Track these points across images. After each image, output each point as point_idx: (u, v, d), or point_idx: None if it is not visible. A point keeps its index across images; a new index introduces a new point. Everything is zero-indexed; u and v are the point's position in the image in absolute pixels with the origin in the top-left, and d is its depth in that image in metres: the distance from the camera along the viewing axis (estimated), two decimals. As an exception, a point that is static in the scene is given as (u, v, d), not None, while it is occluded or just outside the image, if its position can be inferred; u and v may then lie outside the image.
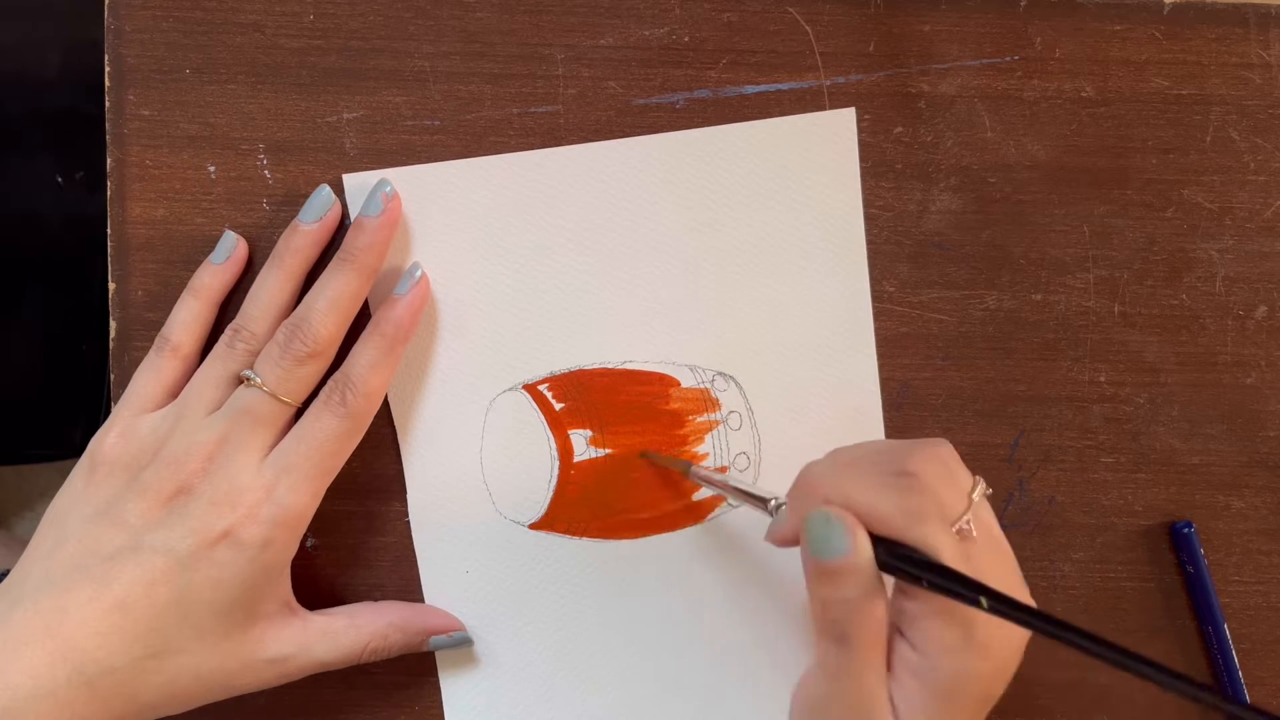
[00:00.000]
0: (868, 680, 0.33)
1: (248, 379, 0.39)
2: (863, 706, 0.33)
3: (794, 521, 0.35)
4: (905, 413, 0.44)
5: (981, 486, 0.34)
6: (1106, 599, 0.45)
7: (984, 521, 0.34)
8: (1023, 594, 0.34)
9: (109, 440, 0.40)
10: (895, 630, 0.34)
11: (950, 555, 0.32)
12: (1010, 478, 0.45)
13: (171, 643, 0.37)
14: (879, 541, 0.33)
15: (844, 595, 0.33)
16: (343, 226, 0.42)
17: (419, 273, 0.42)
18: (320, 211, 0.41)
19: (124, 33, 0.42)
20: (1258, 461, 0.45)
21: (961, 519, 0.33)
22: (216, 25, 0.42)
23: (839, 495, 0.34)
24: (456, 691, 0.44)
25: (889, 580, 0.33)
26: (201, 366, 0.41)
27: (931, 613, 0.32)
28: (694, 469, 0.42)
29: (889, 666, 0.33)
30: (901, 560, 0.32)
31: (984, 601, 0.31)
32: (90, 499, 0.39)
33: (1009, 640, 0.33)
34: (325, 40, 0.43)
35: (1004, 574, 0.34)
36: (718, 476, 0.41)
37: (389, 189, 0.41)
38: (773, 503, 0.38)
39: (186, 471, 0.38)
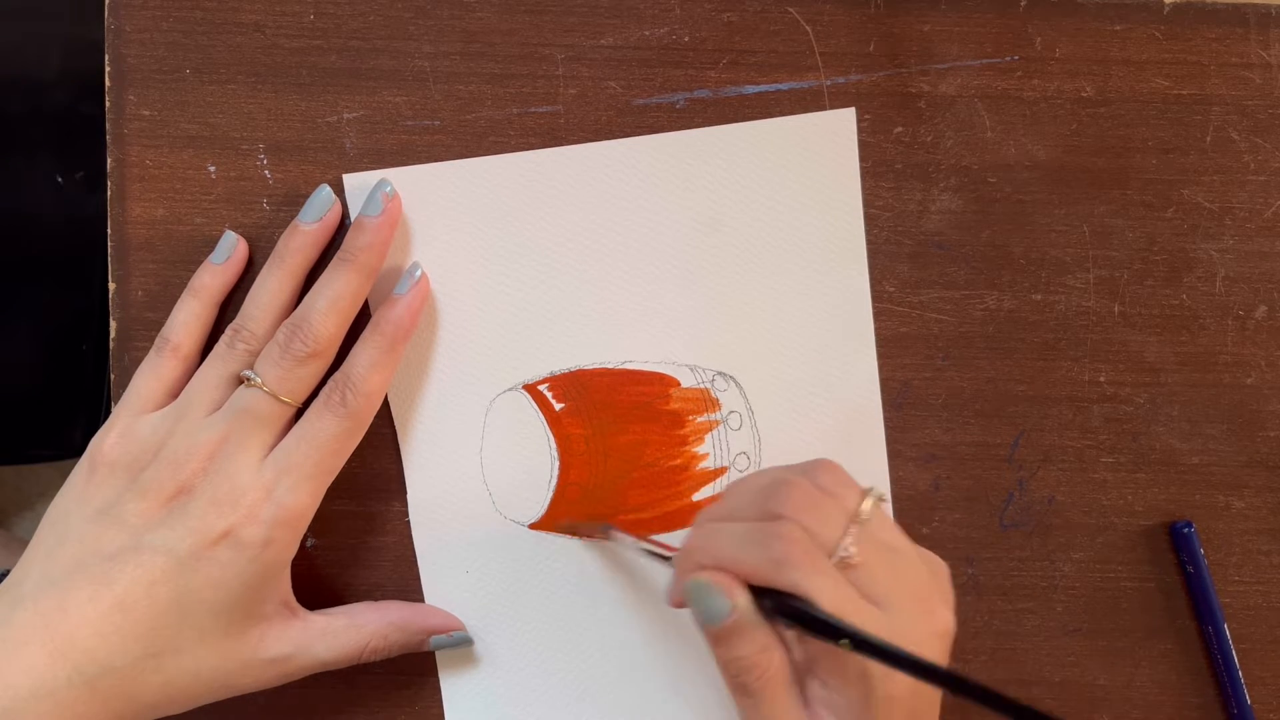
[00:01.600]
0: None
1: (248, 379, 0.39)
2: None
3: (677, 584, 0.36)
4: (905, 413, 0.44)
5: (870, 500, 0.34)
6: (1106, 599, 0.45)
7: (874, 539, 0.34)
8: (935, 605, 0.34)
9: (109, 440, 0.40)
10: (807, 668, 0.34)
11: (830, 593, 0.32)
12: (1010, 478, 0.45)
13: (171, 642, 0.37)
14: (762, 593, 0.33)
15: (739, 653, 0.33)
16: (343, 226, 0.42)
17: (419, 272, 0.42)
18: (320, 211, 0.41)
19: (124, 33, 0.42)
20: (1258, 461, 0.45)
21: (840, 546, 0.33)
22: (216, 25, 0.42)
23: (709, 556, 0.34)
24: (456, 691, 0.44)
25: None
26: (202, 367, 0.41)
27: (833, 669, 0.33)
28: (614, 532, 0.42)
29: (806, 702, 0.34)
30: (782, 610, 0.33)
31: (847, 643, 0.31)
32: (90, 499, 0.39)
33: (919, 689, 0.33)
34: (325, 40, 0.43)
35: (910, 589, 0.34)
36: (629, 539, 0.41)
37: (389, 189, 0.41)
38: (670, 558, 0.38)
39: (187, 471, 0.38)
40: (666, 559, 0.38)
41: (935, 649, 0.34)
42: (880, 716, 0.33)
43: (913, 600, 0.34)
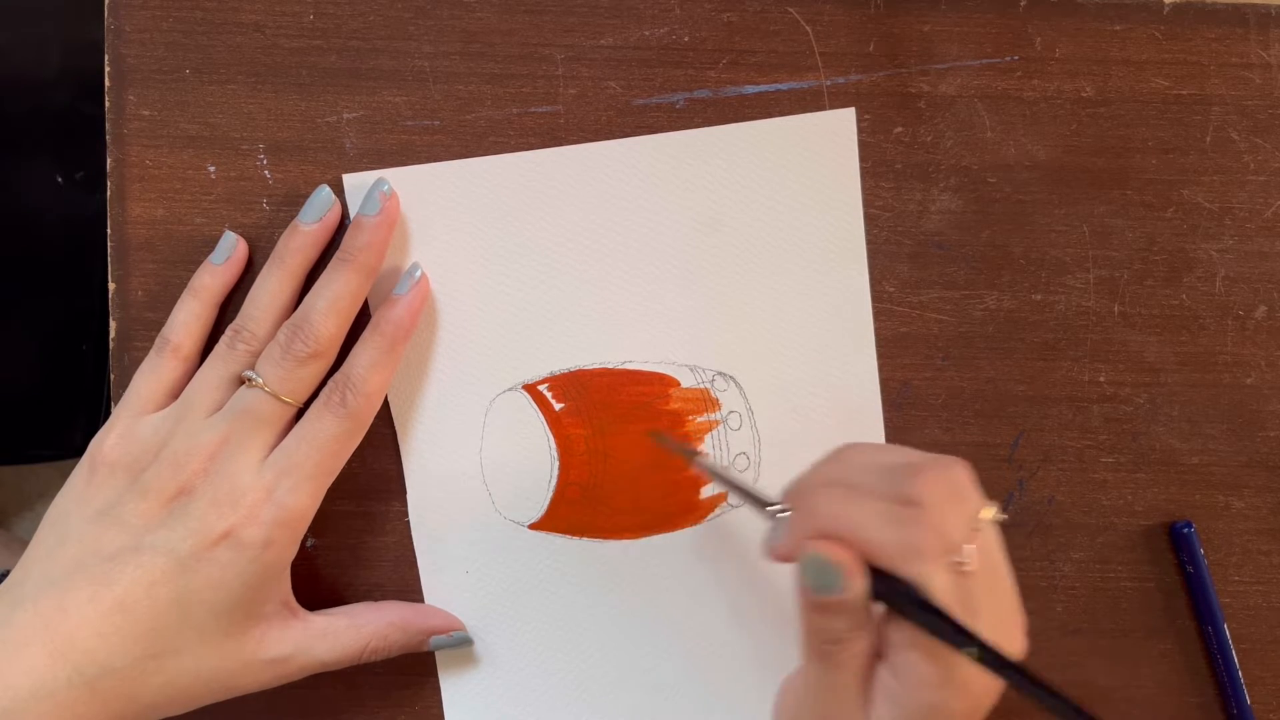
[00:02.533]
0: (845, 701, 0.33)
1: (249, 379, 0.39)
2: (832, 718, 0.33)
3: (790, 543, 0.34)
4: (905, 413, 0.44)
5: (993, 512, 0.33)
6: (1106, 599, 0.45)
7: (987, 551, 0.33)
8: (1015, 630, 0.34)
9: (109, 441, 0.40)
10: (878, 654, 0.34)
11: (944, 594, 0.31)
12: (1010, 478, 0.45)
13: (172, 643, 0.37)
14: (874, 574, 0.32)
15: (833, 625, 0.33)
16: (343, 226, 0.42)
17: (418, 273, 0.42)
18: (320, 212, 0.41)
19: (124, 33, 0.42)
20: (1258, 461, 0.45)
21: (962, 551, 0.32)
22: (216, 25, 0.42)
23: (836, 524, 0.33)
24: (456, 691, 0.44)
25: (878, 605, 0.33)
26: (202, 367, 0.41)
27: (914, 644, 0.32)
28: (700, 459, 0.42)
29: (868, 689, 0.33)
30: (895, 597, 0.32)
31: (975, 652, 0.30)
32: (91, 500, 0.39)
33: (988, 683, 0.33)
34: (325, 40, 0.43)
35: (1000, 608, 0.33)
36: (722, 470, 0.41)
37: (386, 188, 0.41)
38: (774, 509, 0.37)
39: (187, 472, 0.38)
40: (755, 499, 0.37)
41: (999, 686, 0.33)
42: None
43: (999, 622, 0.33)
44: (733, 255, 0.43)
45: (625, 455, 0.43)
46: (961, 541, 0.32)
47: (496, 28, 0.43)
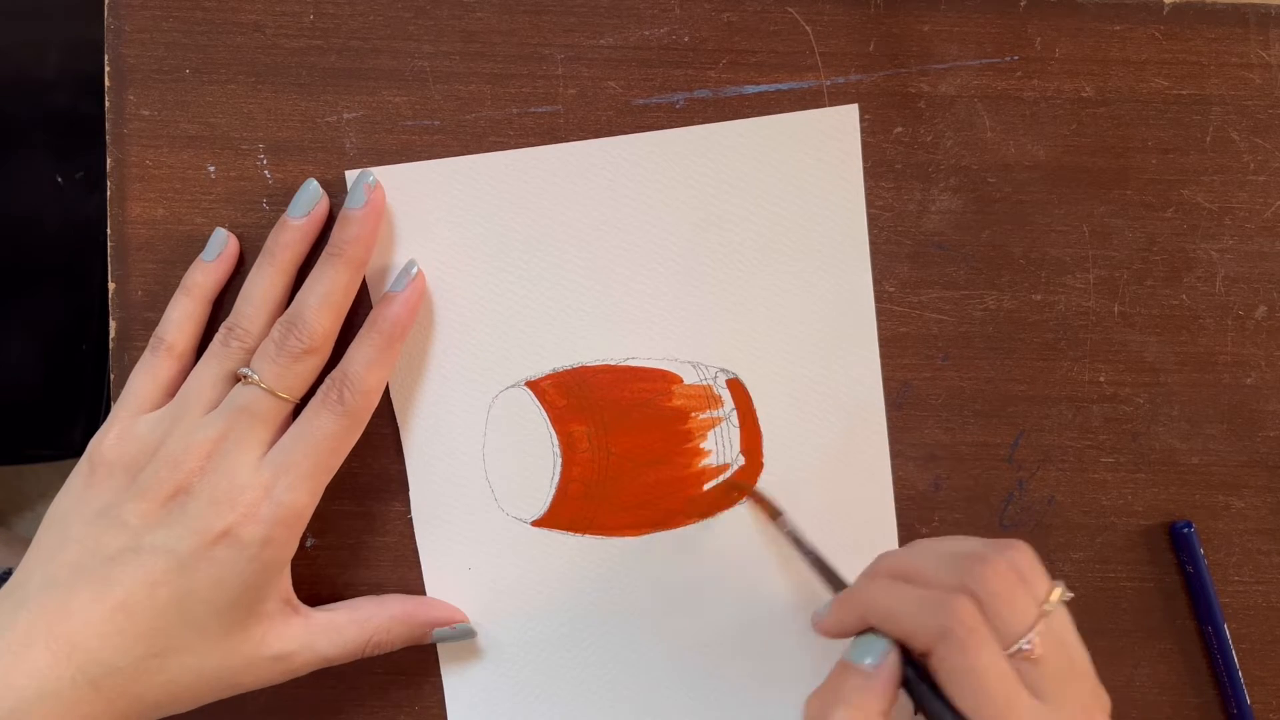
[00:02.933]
0: None
1: (245, 376, 0.39)
2: None
3: (836, 620, 0.35)
4: (905, 412, 0.44)
5: (1060, 592, 0.33)
6: (1106, 599, 0.45)
7: (1058, 634, 0.33)
8: (1096, 712, 0.33)
9: (107, 441, 0.40)
10: None
11: (990, 675, 0.31)
12: (1010, 478, 0.45)
13: (174, 642, 0.37)
14: (910, 662, 0.33)
15: (850, 688, 0.33)
16: (343, 226, 0.42)
17: (415, 269, 0.42)
18: (308, 206, 0.41)
19: (124, 33, 0.42)
20: (1258, 461, 0.45)
21: (1023, 638, 0.32)
22: (216, 25, 0.42)
23: (880, 611, 0.34)
24: (458, 688, 0.44)
25: None
26: (197, 365, 0.41)
27: None
28: (789, 524, 0.42)
29: None
30: (920, 694, 0.32)
31: None
32: (90, 500, 0.39)
33: None
34: (325, 40, 0.43)
35: (1075, 692, 0.32)
36: (807, 542, 0.42)
37: (371, 179, 0.41)
38: (818, 611, 0.37)
39: (185, 471, 0.38)
40: (831, 578, 0.39)
41: None
42: None
43: (1078, 704, 0.32)
44: (735, 252, 0.43)
45: (628, 452, 0.43)
46: (1024, 628, 0.32)
47: (496, 28, 0.43)
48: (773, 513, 0.43)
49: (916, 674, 0.33)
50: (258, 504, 0.38)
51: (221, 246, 0.42)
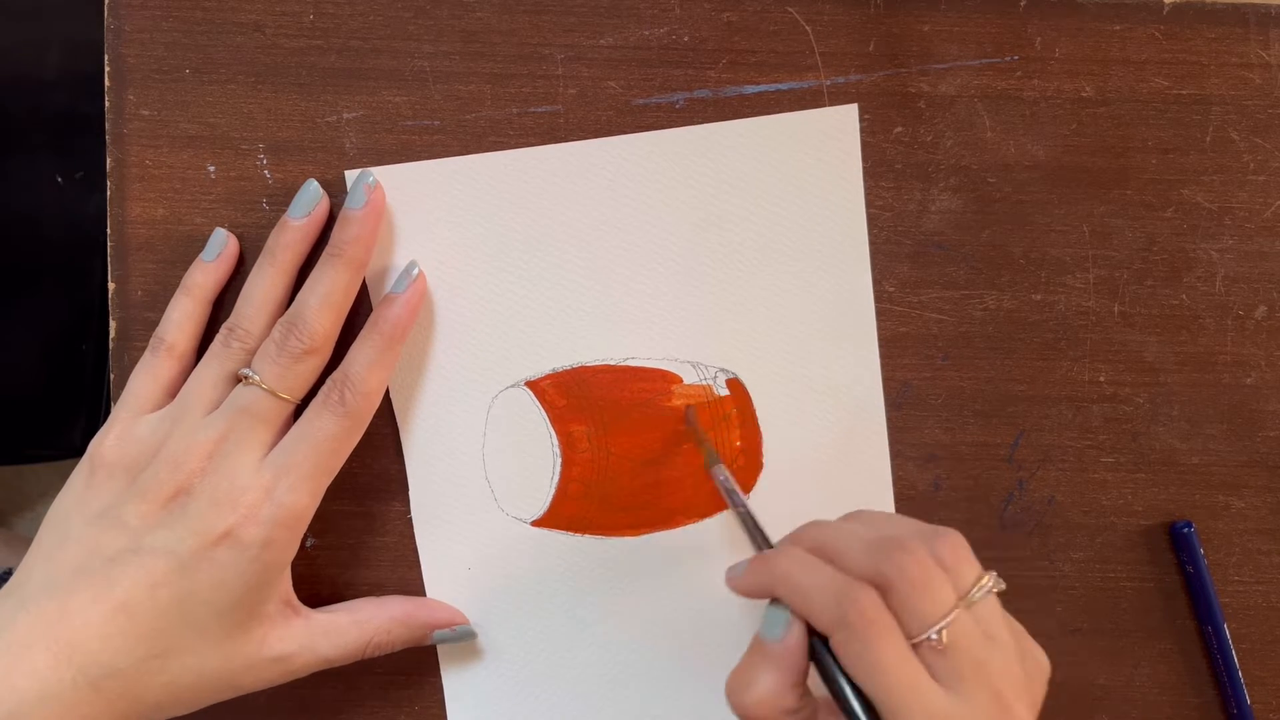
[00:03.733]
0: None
1: (246, 377, 0.39)
2: None
3: (747, 582, 0.36)
4: (905, 412, 0.44)
5: (989, 581, 0.33)
6: (1106, 599, 0.45)
7: (979, 624, 0.33)
8: (1013, 698, 0.33)
9: (108, 442, 0.40)
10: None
11: (890, 667, 0.31)
12: (1010, 478, 0.45)
13: (174, 644, 0.37)
14: (821, 640, 0.33)
15: (762, 677, 0.34)
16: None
17: (416, 270, 0.42)
18: (309, 206, 0.41)
19: (124, 33, 0.42)
20: (1258, 461, 0.45)
21: (933, 628, 0.32)
22: (216, 25, 0.42)
23: (790, 587, 0.34)
24: (458, 688, 0.44)
25: None
26: (198, 366, 0.41)
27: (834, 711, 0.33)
28: (718, 470, 0.41)
29: None
30: (819, 662, 0.33)
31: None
32: (90, 501, 0.39)
33: None
34: (325, 40, 0.43)
35: (992, 677, 0.32)
36: (736, 493, 0.40)
37: (371, 180, 0.41)
38: (732, 567, 0.37)
39: (185, 472, 0.38)
40: (755, 533, 0.38)
41: None
42: None
43: (989, 694, 0.32)
44: (735, 252, 0.43)
45: (627, 452, 0.43)
46: (936, 617, 0.32)
47: (496, 28, 0.43)
48: (710, 459, 0.42)
49: (825, 649, 0.33)
50: (259, 505, 0.38)
51: (221, 247, 0.42)
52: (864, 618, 0.32)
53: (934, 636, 0.32)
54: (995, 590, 0.33)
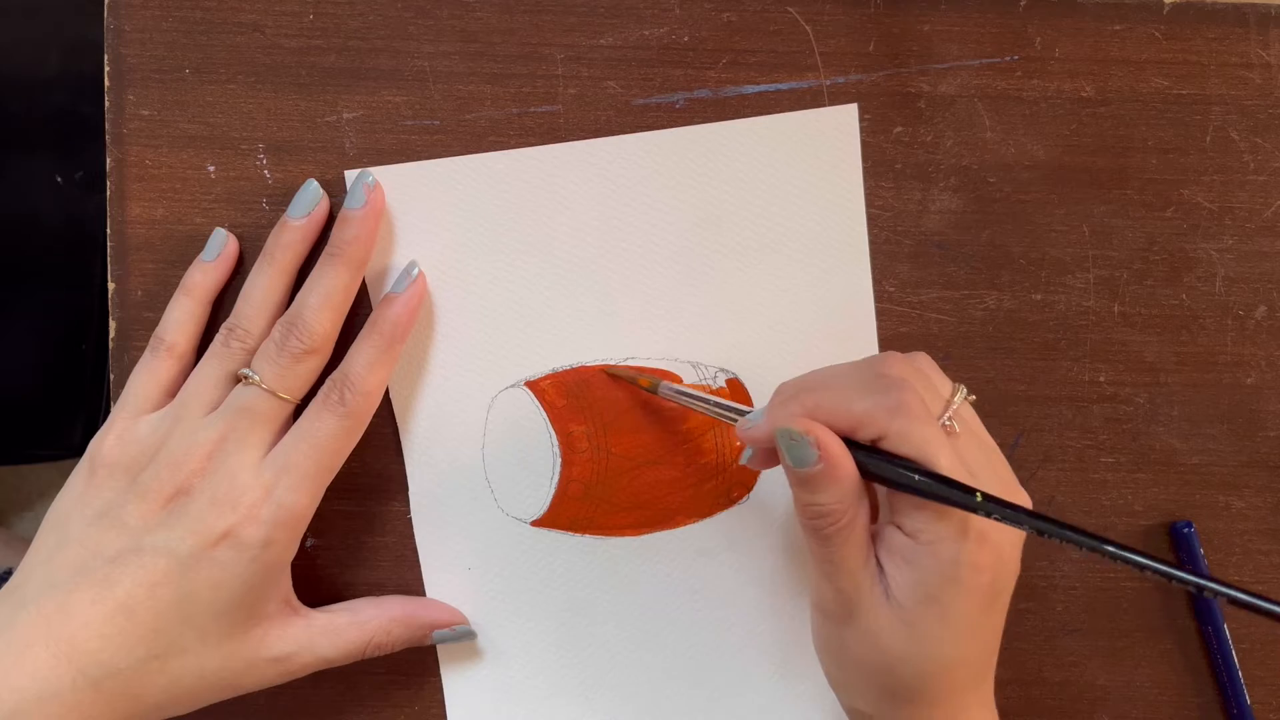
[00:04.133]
0: (852, 573, 0.34)
1: (246, 377, 0.39)
2: (846, 592, 0.35)
3: (766, 425, 0.36)
4: (905, 413, 0.44)
5: (962, 392, 0.35)
6: (1106, 599, 0.45)
7: (966, 419, 0.35)
8: (1014, 488, 0.35)
9: (108, 442, 0.40)
10: (887, 518, 0.35)
11: (937, 449, 0.33)
12: (1010, 478, 0.45)
13: (175, 644, 0.37)
14: (859, 449, 0.34)
15: (821, 499, 0.34)
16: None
17: (416, 270, 0.42)
18: (309, 206, 0.41)
19: (124, 33, 0.42)
20: (1258, 461, 0.45)
21: (943, 416, 0.34)
22: (216, 25, 0.42)
23: (811, 403, 0.34)
24: (458, 688, 0.44)
25: None
26: (198, 366, 0.41)
27: (919, 505, 0.33)
28: (664, 386, 0.41)
29: (880, 551, 0.35)
30: (885, 468, 0.33)
31: (979, 503, 0.32)
32: (91, 501, 0.39)
33: (1009, 532, 0.34)
34: (325, 40, 0.43)
35: (993, 466, 0.35)
36: (690, 392, 0.41)
37: (370, 179, 0.41)
38: (747, 418, 0.38)
39: (185, 472, 0.38)
40: (729, 410, 0.39)
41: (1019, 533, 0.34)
42: (970, 576, 0.33)
43: (999, 481, 0.35)
44: (735, 251, 0.43)
45: (627, 452, 0.43)
46: (940, 410, 0.34)
47: (496, 28, 0.43)
48: (648, 384, 0.42)
49: (883, 459, 0.34)
50: (259, 505, 0.38)
51: (221, 247, 0.42)
52: (917, 399, 0.33)
53: (946, 422, 0.35)
54: (968, 397, 0.36)
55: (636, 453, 0.44)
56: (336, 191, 0.43)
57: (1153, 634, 0.45)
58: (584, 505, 0.44)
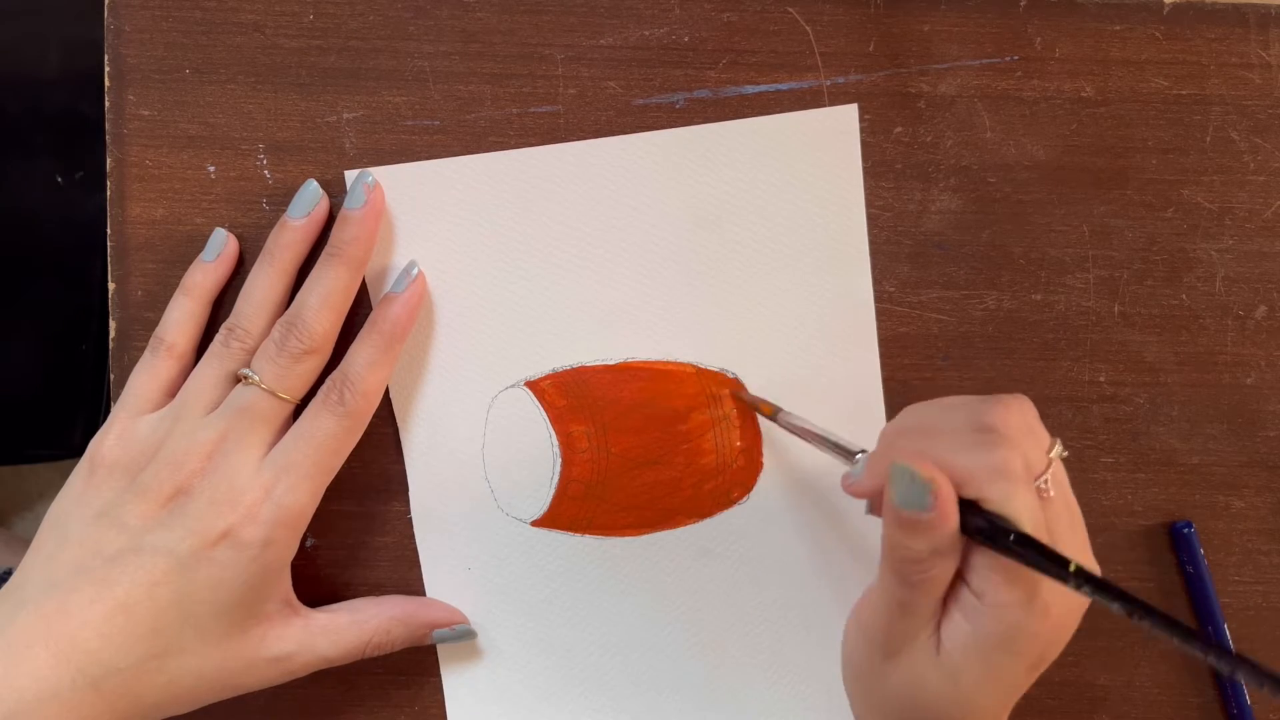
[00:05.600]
0: (917, 621, 0.34)
1: (246, 377, 0.39)
2: (904, 633, 0.34)
3: (874, 477, 0.35)
4: (905, 413, 0.44)
5: (1059, 447, 0.35)
6: (1106, 599, 0.45)
7: (1060, 482, 0.34)
8: (1089, 558, 0.35)
9: (108, 442, 0.40)
10: (959, 571, 0.34)
11: (1031, 517, 0.32)
12: (1010, 478, 0.45)
13: (174, 643, 0.37)
14: (963, 504, 0.33)
15: (918, 546, 0.33)
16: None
17: (415, 270, 0.42)
18: (309, 206, 0.41)
19: (124, 33, 0.42)
20: (1258, 461, 0.45)
21: (1041, 477, 0.34)
22: (216, 25, 0.42)
23: (921, 451, 0.34)
24: (458, 690, 0.44)
25: None
26: (198, 366, 0.41)
27: (995, 567, 0.33)
28: (783, 414, 0.42)
29: (945, 603, 0.34)
30: (984, 527, 0.32)
31: (1071, 577, 0.31)
32: (90, 501, 0.39)
33: (1070, 605, 0.34)
34: (325, 40, 0.43)
35: (1075, 538, 0.35)
36: (806, 424, 0.41)
37: (370, 179, 0.41)
38: (859, 455, 0.38)
39: (185, 472, 0.38)
40: (840, 449, 0.39)
41: (1081, 610, 0.34)
42: (1025, 644, 0.33)
43: (1078, 548, 0.34)
44: (735, 251, 0.43)
45: (627, 452, 0.43)
46: (1040, 468, 0.34)
47: (496, 28, 0.43)
48: (770, 410, 0.42)
49: (976, 515, 0.33)
50: (258, 505, 0.38)
51: (221, 247, 0.42)
52: (1018, 459, 0.33)
53: (1042, 486, 0.34)
54: (1063, 455, 0.35)
55: (637, 453, 0.44)
56: (336, 191, 0.43)
57: (1153, 634, 0.45)
58: (584, 505, 0.44)
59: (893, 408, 0.44)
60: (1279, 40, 0.44)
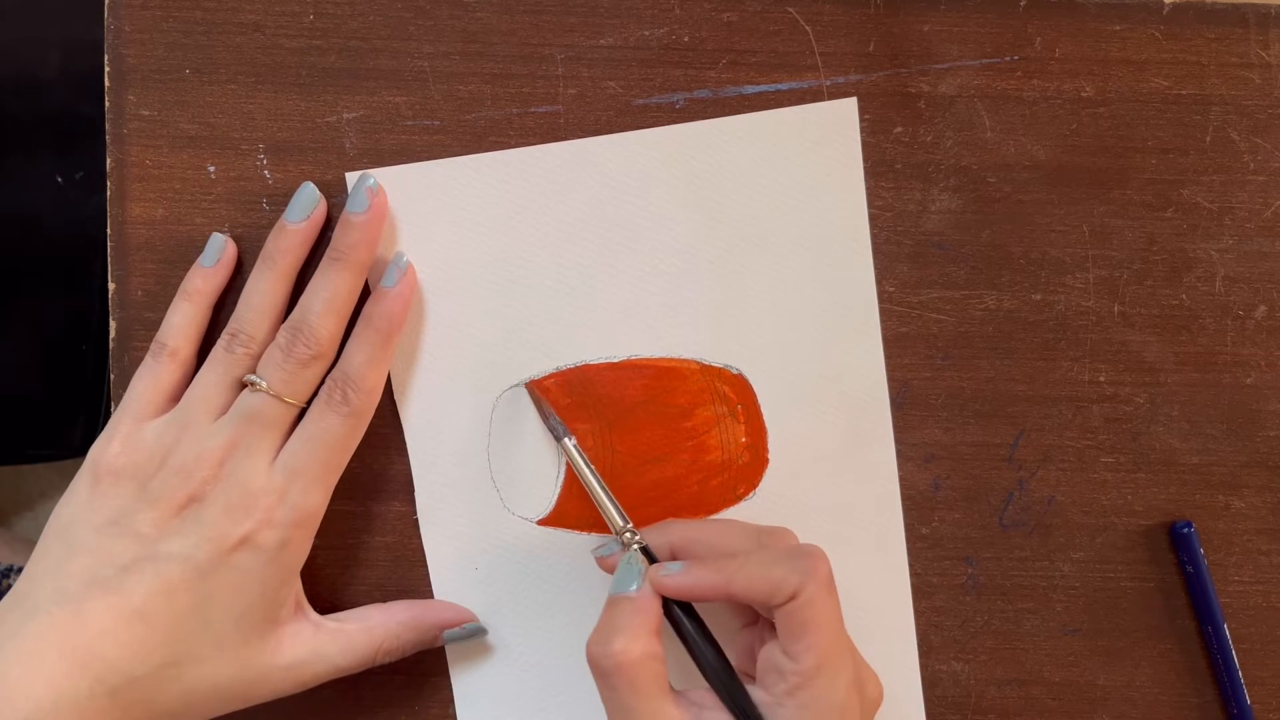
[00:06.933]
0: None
1: (252, 383, 0.39)
2: None
3: (704, 585, 0.38)
4: (905, 412, 0.44)
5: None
6: (1106, 599, 0.45)
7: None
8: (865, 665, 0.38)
9: (112, 449, 0.39)
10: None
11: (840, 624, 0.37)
12: (1010, 478, 0.45)
13: (191, 651, 0.37)
14: (676, 606, 0.38)
15: (623, 616, 0.37)
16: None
17: (405, 261, 0.42)
18: (307, 210, 0.41)
19: (124, 33, 0.42)
20: (1258, 461, 0.45)
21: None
22: (216, 25, 0.42)
23: (753, 573, 0.37)
24: (468, 689, 0.44)
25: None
26: (201, 371, 0.40)
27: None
28: (567, 440, 0.42)
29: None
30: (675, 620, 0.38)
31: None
32: (98, 510, 0.39)
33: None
34: (325, 40, 0.43)
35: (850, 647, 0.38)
36: (585, 465, 0.41)
37: (372, 183, 0.41)
38: (625, 529, 0.40)
39: (197, 479, 0.38)
40: (622, 526, 0.40)
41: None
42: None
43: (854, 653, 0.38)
44: (737, 247, 0.43)
45: (632, 450, 0.43)
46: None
47: (496, 28, 0.43)
48: (557, 431, 0.42)
49: (682, 614, 0.38)
50: (274, 509, 0.38)
51: (220, 252, 0.42)
52: (828, 571, 0.36)
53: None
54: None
55: (642, 450, 0.44)
56: (337, 192, 0.43)
57: (1153, 634, 0.45)
58: (589, 504, 0.44)
59: (893, 407, 0.44)
60: (1279, 40, 0.44)
